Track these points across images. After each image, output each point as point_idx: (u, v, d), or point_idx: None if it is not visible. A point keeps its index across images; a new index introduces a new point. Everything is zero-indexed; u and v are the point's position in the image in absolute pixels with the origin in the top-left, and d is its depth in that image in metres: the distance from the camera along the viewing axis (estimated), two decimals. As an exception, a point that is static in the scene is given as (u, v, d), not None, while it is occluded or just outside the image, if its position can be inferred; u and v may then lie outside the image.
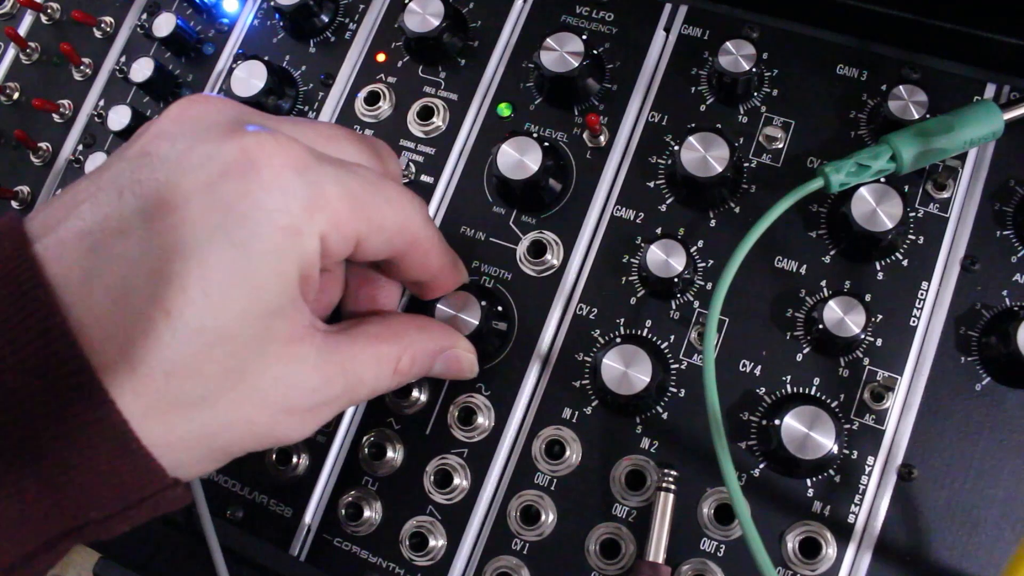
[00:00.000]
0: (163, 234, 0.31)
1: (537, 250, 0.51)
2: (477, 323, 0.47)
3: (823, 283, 0.47)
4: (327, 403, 0.38)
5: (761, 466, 0.45)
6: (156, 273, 0.30)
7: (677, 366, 0.48)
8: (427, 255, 0.42)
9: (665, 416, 0.47)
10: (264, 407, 0.34)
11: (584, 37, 0.51)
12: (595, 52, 0.53)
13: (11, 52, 0.68)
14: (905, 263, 0.47)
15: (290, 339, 0.35)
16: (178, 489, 0.33)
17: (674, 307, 0.49)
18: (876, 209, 0.45)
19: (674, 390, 0.47)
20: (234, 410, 0.33)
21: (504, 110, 0.54)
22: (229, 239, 0.31)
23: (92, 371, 0.29)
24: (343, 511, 0.50)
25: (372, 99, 0.57)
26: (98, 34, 0.66)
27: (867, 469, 0.44)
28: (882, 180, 0.45)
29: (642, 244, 0.49)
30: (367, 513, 0.49)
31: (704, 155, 0.47)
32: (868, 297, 0.46)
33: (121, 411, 0.30)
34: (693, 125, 0.51)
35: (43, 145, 0.65)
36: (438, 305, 0.48)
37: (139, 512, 0.32)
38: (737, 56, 0.49)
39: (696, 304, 0.48)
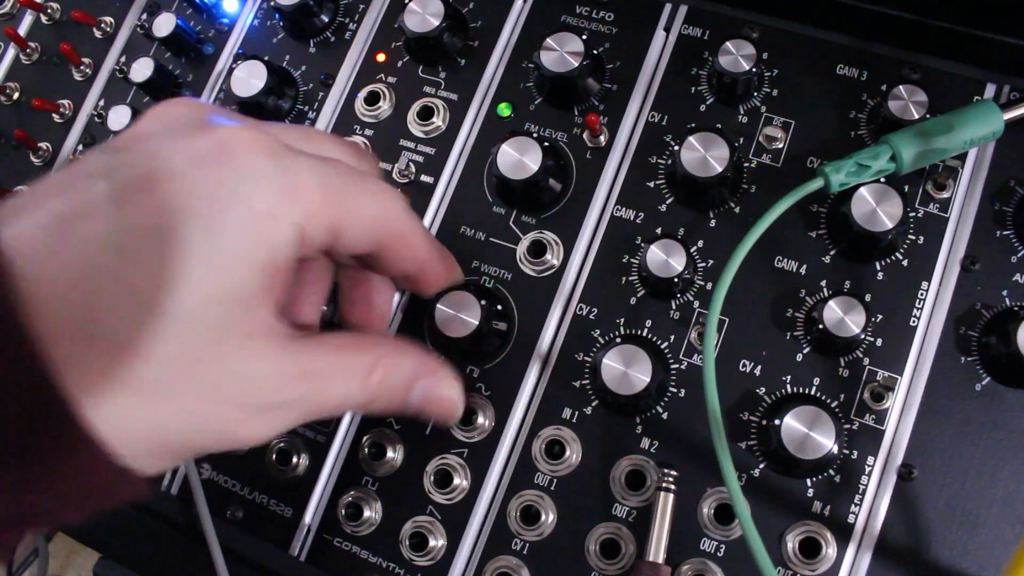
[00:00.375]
0: (133, 216, 0.31)
1: (537, 250, 0.51)
2: (477, 323, 0.47)
3: (823, 283, 0.47)
4: (286, 406, 0.36)
5: (761, 466, 0.45)
6: (123, 254, 0.30)
7: (677, 366, 0.48)
8: (410, 244, 0.41)
9: (665, 416, 0.47)
10: (219, 401, 0.33)
11: (584, 37, 0.51)
12: (595, 52, 0.53)
13: (11, 52, 0.68)
14: (905, 263, 0.47)
15: (251, 333, 0.33)
16: (131, 479, 0.32)
17: (674, 307, 0.49)
18: (876, 209, 0.45)
19: (674, 390, 0.47)
20: (187, 400, 0.32)
21: (504, 110, 0.54)
22: (202, 223, 0.31)
23: (47, 359, 0.28)
24: (343, 511, 0.50)
25: (372, 99, 0.57)
26: (98, 34, 0.66)
27: (867, 469, 0.44)
28: (882, 180, 0.45)
29: (642, 244, 0.49)
30: (367, 513, 0.49)
31: (704, 155, 0.47)
32: (868, 297, 0.46)
33: (73, 394, 0.29)
34: (693, 125, 0.51)
35: (43, 145, 0.65)
36: (438, 305, 0.48)
37: (91, 502, 0.31)
38: (737, 56, 0.49)
39: (696, 304, 0.48)
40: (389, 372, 0.39)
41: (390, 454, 0.50)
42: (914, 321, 0.46)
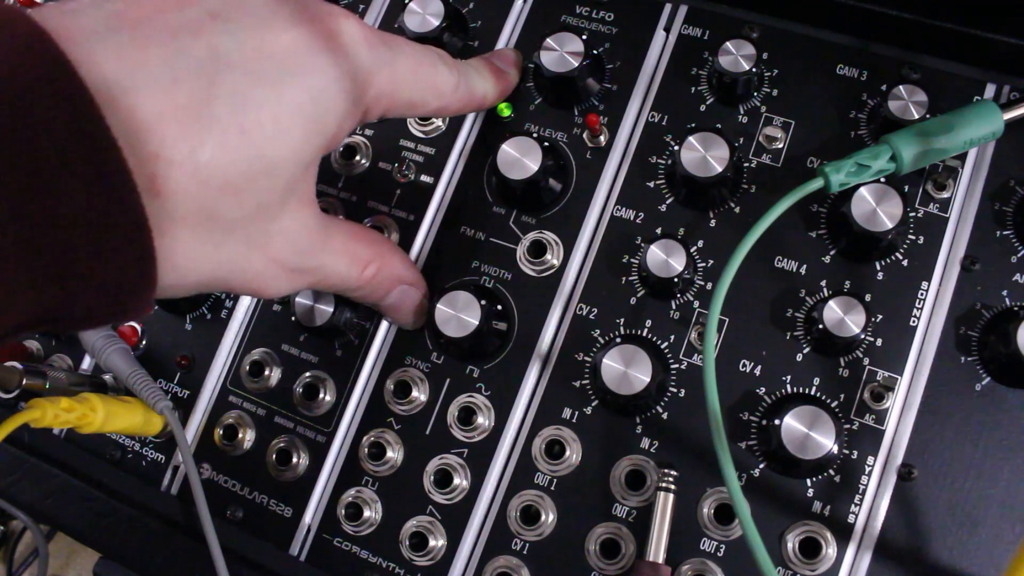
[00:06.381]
0: (247, 64, 0.32)
1: (537, 250, 0.51)
2: (477, 323, 0.47)
3: (823, 283, 0.47)
4: (305, 272, 0.40)
5: (761, 466, 0.45)
6: (234, 90, 0.32)
7: (677, 366, 0.48)
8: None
9: (665, 416, 0.47)
10: (264, 253, 0.36)
11: (584, 37, 0.51)
12: (595, 52, 0.53)
13: (11, 52, 0.68)
14: (905, 263, 0.47)
15: (303, 200, 0.38)
16: (148, 298, 0.32)
17: (674, 307, 0.49)
18: (876, 209, 0.45)
19: (674, 390, 0.47)
20: (243, 246, 0.35)
21: (504, 110, 0.54)
22: (303, 84, 0.34)
23: (127, 169, 0.28)
24: (343, 511, 0.50)
25: (372, 99, 0.57)
26: (98, 34, 0.66)
27: (867, 469, 0.44)
28: (882, 180, 0.45)
29: (642, 244, 0.49)
30: (367, 513, 0.49)
31: (704, 155, 0.47)
32: (868, 297, 0.46)
33: (145, 210, 0.29)
34: (693, 125, 0.51)
35: (43, 145, 0.64)
36: (438, 305, 0.48)
37: (110, 308, 0.31)
38: (737, 56, 0.49)
39: (696, 304, 0.48)
40: (382, 269, 0.45)
41: (390, 454, 0.50)
42: (914, 321, 0.46)
